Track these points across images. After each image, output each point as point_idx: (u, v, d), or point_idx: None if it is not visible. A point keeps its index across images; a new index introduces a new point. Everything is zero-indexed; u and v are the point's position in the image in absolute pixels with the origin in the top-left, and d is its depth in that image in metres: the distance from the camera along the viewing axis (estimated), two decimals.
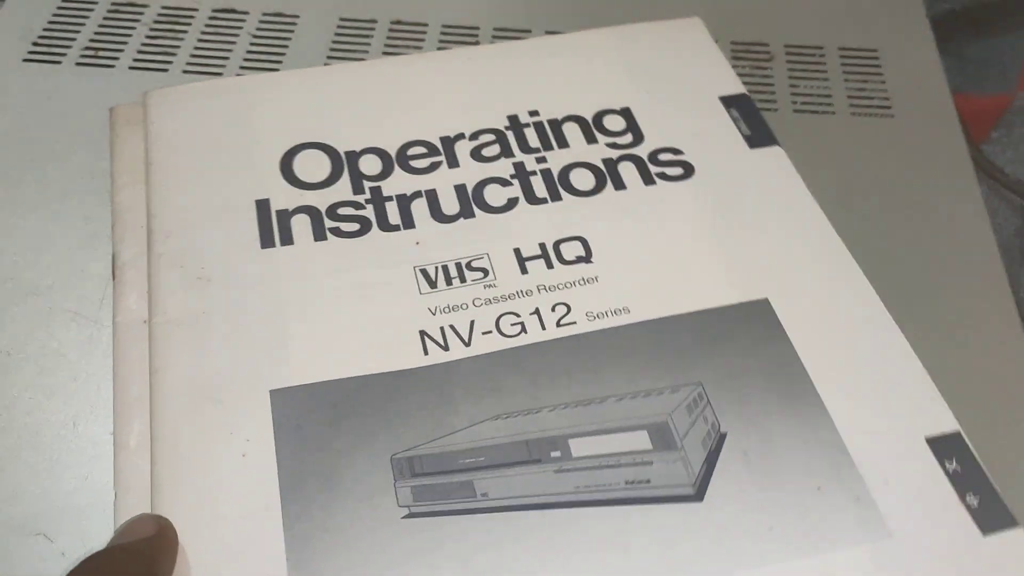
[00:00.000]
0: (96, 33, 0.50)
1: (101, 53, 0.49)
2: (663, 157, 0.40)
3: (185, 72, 0.48)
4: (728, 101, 0.42)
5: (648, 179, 0.39)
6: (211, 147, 0.39)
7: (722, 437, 0.31)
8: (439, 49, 0.49)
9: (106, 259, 0.38)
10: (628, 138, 0.41)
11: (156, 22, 0.50)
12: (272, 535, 0.29)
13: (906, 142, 0.45)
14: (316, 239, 0.37)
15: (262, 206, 0.37)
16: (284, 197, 0.38)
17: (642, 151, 0.40)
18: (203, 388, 0.32)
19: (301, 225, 0.37)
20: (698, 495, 0.30)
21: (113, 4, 0.51)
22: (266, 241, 0.36)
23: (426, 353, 0.34)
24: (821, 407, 0.32)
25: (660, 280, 0.36)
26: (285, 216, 0.37)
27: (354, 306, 0.35)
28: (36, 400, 0.35)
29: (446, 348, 0.34)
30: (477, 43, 0.50)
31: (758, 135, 0.40)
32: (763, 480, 0.30)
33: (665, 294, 0.35)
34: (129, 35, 0.50)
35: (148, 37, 0.50)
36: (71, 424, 0.34)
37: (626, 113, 0.42)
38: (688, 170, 0.39)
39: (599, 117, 0.41)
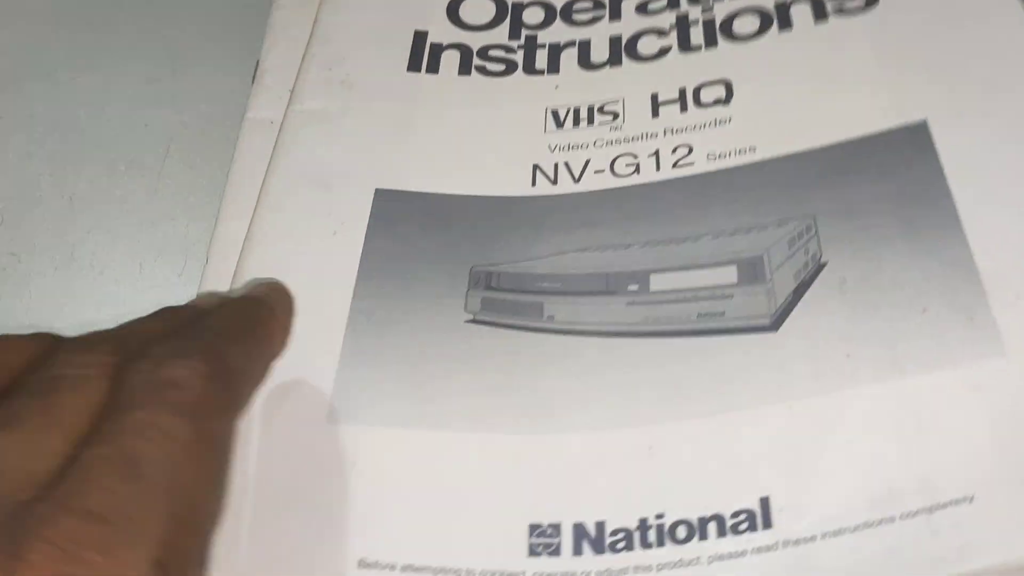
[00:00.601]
0: None
1: None
2: None
3: None
4: None
5: (820, 14, 0.34)
6: None
7: (820, 267, 0.26)
8: None
9: (167, 117, 0.38)
10: None
11: None
12: (340, 302, 0.29)
13: None
14: (460, 73, 0.36)
15: (419, 36, 0.37)
16: (442, 33, 0.38)
17: None
18: (317, 173, 0.33)
19: (450, 58, 0.37)
20: (773, 326, 0.26)
21: None
22: (413, 66, 0.36)
23: (533, 185, 0.32)
24: (956, 226, 0.26)
25: (800, 113, 0.31)
26: (438, 48, 0.37)
27: (479, 135, 0.34)
28: (100, 242, 0.35)
29: (554, 182, 0.32)
30: None
31: None
32: (853, 307, 0.26)
33: (801, 128, 0.30)
34: None
35: None
36: (137, 266, 0.35)
37: None
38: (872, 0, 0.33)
39: None
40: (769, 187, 0.29)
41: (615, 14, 0.37)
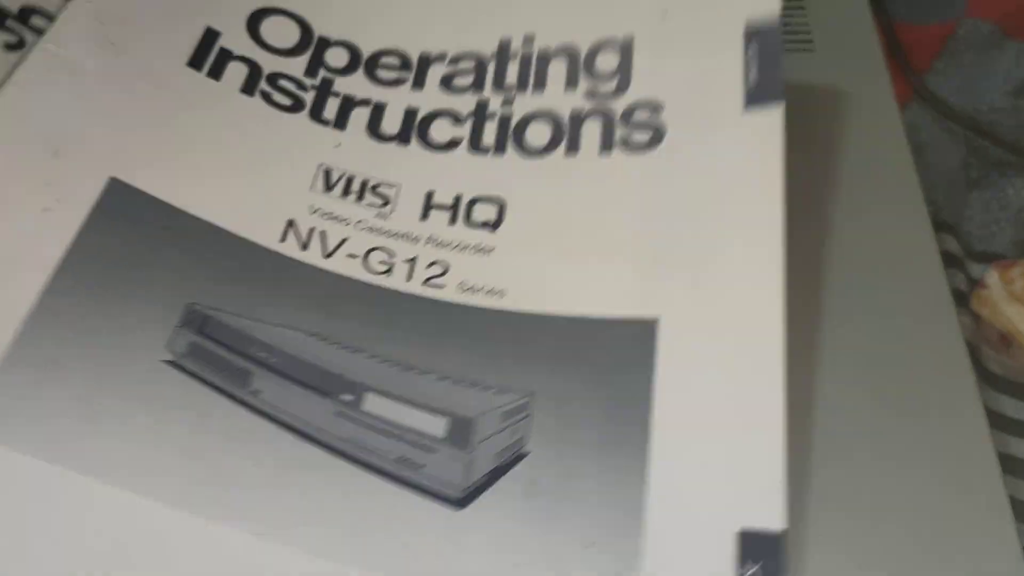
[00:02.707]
0: None
1: None
2: (637, 116, 0.32)
3: None
4: (753, 32, 0.31)
5: (606, 144, 0.32)
6: None
7: (519, 457, 0.27)
8: None
9: None
10: (612, 84, 0.33)
11: None
12: (28, 287, 0.27)
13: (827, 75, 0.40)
14: (243, 91, 0.34)
15: (210, 34, 0.34)
16: (236, 41, 0.35)
17: (617, 105, 0.33)
18: (49, 131, 0.30)
19: (236, 71, 0.34)
20: (460, 503, 0.26)
21: None
22: (195, 62, 0.34)
23: (283, 240, 0.31)
24: (642, 458, 0.26)
25: (555, 269, 0.30)
26: (226, 55, 0.34)
27: (241, 163, 0.32)
28: None
29: (304, 247, 0.31)
30: None
31: (764, 87, 0.29)
32: (534, 517, 0.26)
33: (551, 286, 0.30)
34: None
35: None
36: None
37: (626, 48, 0.34)
38: (656, 137, 0.31)
39: (593, 52, 0.34)
40: (506, 343, 0.29)
41: (419, 81, 0.35)
